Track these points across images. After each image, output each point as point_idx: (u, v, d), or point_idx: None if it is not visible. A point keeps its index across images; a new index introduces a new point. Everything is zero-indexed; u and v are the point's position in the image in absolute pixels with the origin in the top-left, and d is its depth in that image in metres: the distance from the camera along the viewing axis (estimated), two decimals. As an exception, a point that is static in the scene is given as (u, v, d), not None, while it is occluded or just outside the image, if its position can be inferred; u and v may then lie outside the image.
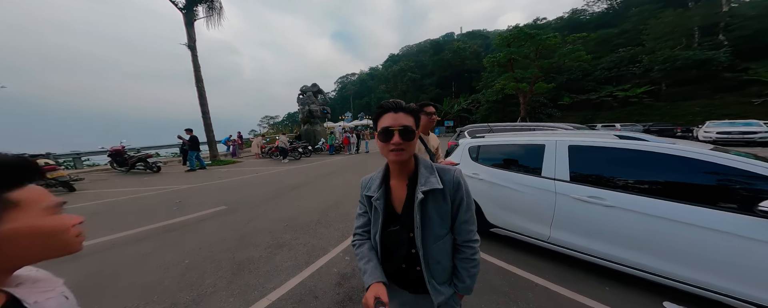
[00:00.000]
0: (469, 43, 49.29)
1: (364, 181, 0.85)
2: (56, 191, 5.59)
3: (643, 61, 23.29)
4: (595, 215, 1.74)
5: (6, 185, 0.36)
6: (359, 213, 0.86)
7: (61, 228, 0.40)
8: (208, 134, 10.45)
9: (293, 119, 57.37)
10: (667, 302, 1.59)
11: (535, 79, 21.95)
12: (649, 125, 16.21)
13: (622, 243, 1.66)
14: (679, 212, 1.46)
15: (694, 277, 1.43)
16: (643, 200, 1.58)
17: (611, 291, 1.72)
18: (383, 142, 0.70)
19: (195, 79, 10.18)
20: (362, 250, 0.80)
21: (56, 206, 0.41)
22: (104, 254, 2.49)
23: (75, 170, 9.22)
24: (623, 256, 1.65)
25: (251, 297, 1.74)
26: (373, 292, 0.66)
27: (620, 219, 1.64)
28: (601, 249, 1.75)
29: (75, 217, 0.43)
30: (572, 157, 1.93)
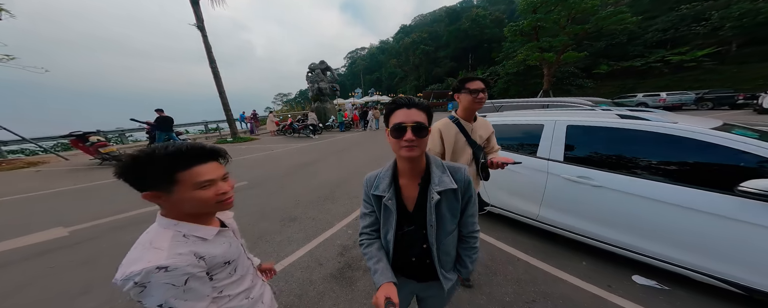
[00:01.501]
0: (490, 9, 43.40)
1: (368, 179, 0.81)
2: (110, 164, 6.50)
3: (711, 19, 19.02)
4: (582, 194, 1.78)
5: (176, 168, 0.58)
6: (365, 213, 0.83)
7: (203, 199, 0.61)
8: (227, 112, 10.98)
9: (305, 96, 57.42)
10: (636, 275, 1.70)
11: (564, 47, 19.12)
12: (703, 93, 13.99)
13: (605, 221, 1.73)
14: (661, 192, 1.48)
15: (666, 253, 1.50)
16: (629, 180, 1.59)
17: (588, 266, 1.84)
18: (395, 139, 0.68)
19: (208, 59, 10.31)
20: (371, 250, 0.79)
21: (203, 184, 0.61)
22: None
23: (122, 145, 10.46)
24: (604, 234, 1.73)
25: (267, 262, 2.11)
26: (383, 292, 0.66)
27: (605, 199, 1.68)
28: (584, 227, 1.83)
29: (222, 189, 0.64)
30: (569, 137, 1.90)
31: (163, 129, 8.29)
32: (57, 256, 2.27)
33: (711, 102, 13.44)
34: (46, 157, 7.82)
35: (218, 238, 0.68)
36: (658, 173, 1.53)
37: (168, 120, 8.25)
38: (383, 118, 0.75)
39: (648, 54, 21.32)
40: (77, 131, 6.59)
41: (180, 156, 0.59)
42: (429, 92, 34.47)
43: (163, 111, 8.29)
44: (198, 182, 0.60)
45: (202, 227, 0.65)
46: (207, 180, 0.61)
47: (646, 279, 1.66)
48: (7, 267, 2.13)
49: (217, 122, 14.25)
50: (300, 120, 12.50)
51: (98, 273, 2.00)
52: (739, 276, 1.30)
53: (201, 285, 0.62)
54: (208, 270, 0.64)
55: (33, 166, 6.74)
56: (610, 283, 1.67)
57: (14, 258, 2.26)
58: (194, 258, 0.60)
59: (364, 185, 0.82)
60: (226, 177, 0.66)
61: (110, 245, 2.46)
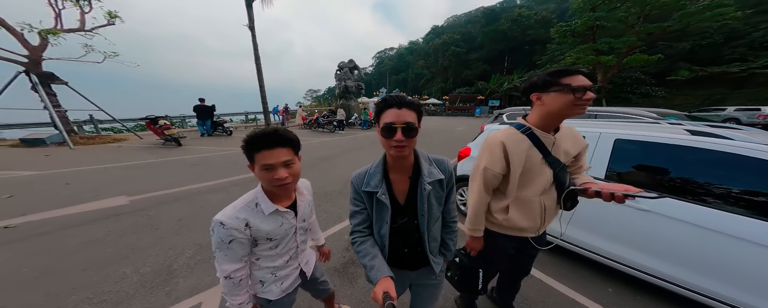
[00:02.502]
0: (536, 8, 39.74)
1: (357, 177, 0.82)
2: (170, 145, 7.64)
3: None
4: (625, 218, 1.51)
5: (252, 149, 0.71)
6: (356, 211, 0.84)
7: (265, 179, 0.74)
8: (264, 105, 12.07)
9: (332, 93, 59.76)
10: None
11: (630, 49, 16.22)
12: None
13: (643, 247, 1.47)
14: (730, 223, 1.20)
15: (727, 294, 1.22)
16: (689, 207, 1.31)
17: (614, 293, 1.62)
18: (386, 138, 0.70)
19: (254, 56, 11.48)
20: (365, 247, 0.80)
21: (265, 167, 0.71)
22: (195, 198, 3.46)
23: (182, 129, 12.23)
24: (639, 260, 1.48)
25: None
26: (381, 287, 0.67)
27: (654, 225, 1.41)
28: (618, 252, 1.57)
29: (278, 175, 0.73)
30: (616, 152, 1.62)
31: (200, 117, 9.40)
32: (116, 222, 2.70)
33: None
34: (127, 135, 9.56)
35: (273, 216, 0.81)
36: (731, 203, 1.27)
37: (205, 109, 9.31)
38: (374, 115, 0.76)
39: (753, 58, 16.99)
40: (151, 115, 7.90)
41: (254, 140, 0.70)
42: (455, 96, 32.94)
43: (204, 100, 9.39)
44: (262, 164, 0.71)
45: (267, 202, 0.79)
46: (267, 164, 0.70)
47: None
48: (71, 228, 2.50)
49: (254, 113, 15.74)
50: (325, 116, 13.07)
51: (143, 242, 2.34)
52: None
53: (240, 249, 0.76)
54: (253, 238, 0.77)
55: (117, 142, 8.30)
56: None
57: (82, 220, 2.69)
58: (243, 225, 0.75)
59: (353, 183, 0.84)
60: (289, 164, 0.73)
61: (160, 216, 2.87)
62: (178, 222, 2.72)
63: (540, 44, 31.18)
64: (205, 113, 9.54)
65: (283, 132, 0.73)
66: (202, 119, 9.66)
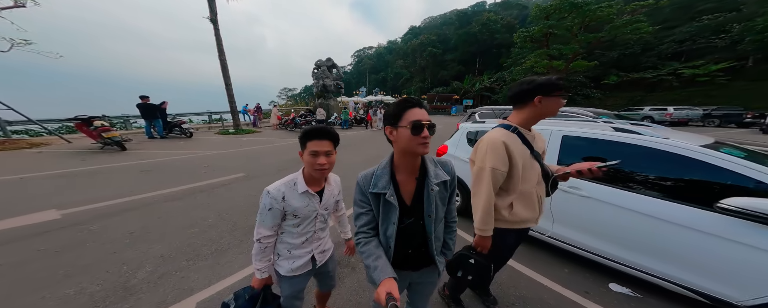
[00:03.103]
0: (502, 14, 43.29)
1: (364, 178, 0.83)
2: (111, 149, 6.58)
3: (731, 31, 18.67)
4: (570, 204, 1.79)
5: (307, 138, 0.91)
6: (361, 213, 0.84)
7: (309, 163, 0.92)
8: (231, 104, 11.06)
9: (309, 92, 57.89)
10: (613, 283, 1.73)
11: (574, 56, 18.97)
12: (711, 109, 13.86)
13: (589, 230, 1.75)
14: (644, 205, 1.50)
15: (643, 263, 1.54)
16: (615, 192, 1.62)
17: (569, 273, 1.87)
18: (414, 135, 0.71)
19: (218, 52, 10.41)
20: (369, 247, 0.81)
21: (312, 153, 0.90)
22: (150, 207, 3.07)
23: (125, 130, 10.56)
24: (587, 242, 1.76)
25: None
26: (384, 288, 0.68)
27: (590, 209, 1.70)
28: (570, 236, 1.85)
29: (320, 161, 0.91)
30: (564, 147, 1.90)
31: (146, 116, 8.17)
32: (47, 239, 2.30)
33: (718, 119, 13.27)
34: (49, 139, 7.92)
35: (303, 196, 0.96)
36: (643, 187, 1.57)
37: (149, 107, 8.13)
38: (389, 115, 0.76)
39: (661, 66, 21.03)
40: (82, 115, 6.66)
41: (311, 131, 0.90)
42: (433, 95, 34.33)
43: (147, 98, 8.18)
44: (311, 150, 0.89)
45: (302, 183, 0.96)
46: (314, 151, 0.89)
47: (621, 287, 1.70)
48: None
49: (220, 113, 14.34)
50: (303, 115, 12.55)
51: (86, 259, 2.03)
52: (706, 286, 1.36)
53: (273, 218, 0.94)
54: (284, 212, 0.95)
55: (35, 147, 6.84)
56: (588, 290, 1.70)
57: (2, 239, 2.28)
58: (281, 197, 0.93)
59: (359, 184, 0.84)
60: (329, 153, 0.91)
61: (105, 230, 2.50)
62: (130, 235, 2.40)
63: (505, 48, 33.91)
64: (149, 113, 8.35)
65: (331, 129, 0.93)
66: (148, 118, 8.46)
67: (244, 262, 2.03)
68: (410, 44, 50.57)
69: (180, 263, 2.01)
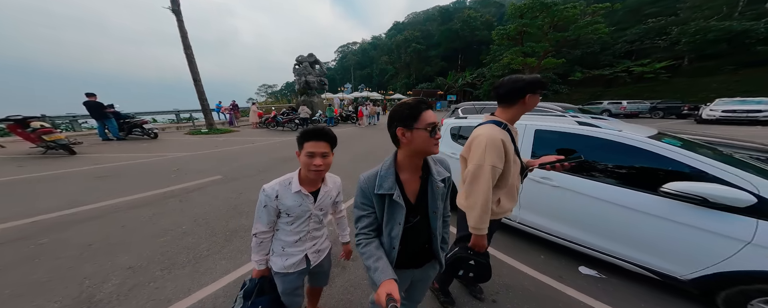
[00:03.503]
0: (481, 11, 44.25)
1: (367, 179, 0.81)
2: (57, 154, 5.77)
3: (671, 34, 21.27)
4: (543, 193, 1.93)
5: (304, 138, 0.91)
6: (362, 215, 0.83)
7: (304, 163, 0.92)
8: (202, 102, 10.19)
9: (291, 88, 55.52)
10: (582, 266, 1.90)
11: (545, 53, 20.39)
12: (657, 103, 15.83)
13: (560, 217, 1.91)
14: (603, 192, 1.66)
15: (605, 246, 1.70)
16: (580, 181, 1.77)
17: (544, 259, 2.02)
18: (431, 136, 0.73)
19: (183, 45, 9.46)
20: (370, 248, 0.81)
21: (308, 153, 0.90)
22: (111, 217, 2.77)
23: (73, 132, 9.30)
24: (558, 229, 1.92)
25: (240, 261, 2.02)
26: (385, 289, 0.68)
27: (561, 198, 1.85)
28: (543, 223, 2.00)
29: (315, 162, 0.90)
30: (537, 140, 2.04)
31: (95, 116, 7.40)
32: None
33: (662, 111, 15.17)
34: (-27, 143, 6.73)
35: (295, 196, 0.96)
36: (602, 175, 1.73)
37: (97, 106, 7.32)
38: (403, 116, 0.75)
39: (616, 64, 23.32)
40: (16, 115, 5.73)
41: (307, 132, 0.91)
42: (418, 91, 34.80)
43: (95, 96, 7.34)
44: (307, 151, 0.90)
45: (296, 183, 0.97)
46: (310, 152, 0.90)
47: (589, 269, 1.87)
48: None
49: (191, 112, 13.18)
50: (285, 113, 11.99)
51: (38, 275, 1.79)
52: (656, 264, 1.52)
53: (267, 214, 0.96)
54: (278, 209, 0.97)
55: (-43, 153, 5.78)
56: (562, 274, 1.85)
57: None
58: (274, 195, 0.94)
59: (362, 186, 0.82)
60: (325, 155, 0.92)
61: (58, 243, 2.21)
62: (89, 248, 2.16)
63: (485, 45, 35.09)
64: (98, 112, 7.44)
65: (328, 130, 0.93)
66: (99, 118, 7.55)
67: (228, 267, 1.93)
68: (394, 40, 50.26)
69: (153, 273, 1.85)
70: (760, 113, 10.17)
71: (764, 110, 10.17)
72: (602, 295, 1.63)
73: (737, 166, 1.39)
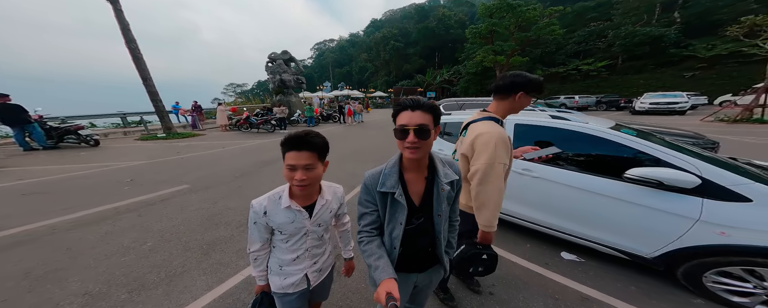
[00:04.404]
0: (455, 10, 46.14)
1: (371, 177, 0.81)
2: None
3: (608, 36, 24.81)
4: (525, 184, 2.06)
5: (284, 147, 0.79)
6: (365, 213, 0.83)
7: (286, 177, 0.80)
8: (156, 103, 8.92)
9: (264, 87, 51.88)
10: (563, 252, 2.06)
11: (513, 52, 22.16)
12: (601, 97, 18.27)
13: (541, 206, 2.05)
14: (575, 180, 1.82)
15: (580, 230, 1.84)
16: (556, 171, 1.92)
17: (531, 248, 2.16)
18: (399, 140, 0.72)
19: (125, 39, 8.16)
20: (371, 247, 0.80)
21: (288, 166, 0.78)
22: (49, 238, 2.30)
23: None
24: (540, 217, 2.06)
25: (224, 274, 1.83)
26: (384, 288, 0.67)
27: (541, 188, 1.99)
28: (527, 213, 2.13)
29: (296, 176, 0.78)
30: (516, 133, 2.15)
31: (9, 122, 6.06)
32: None
33: (605, 104, 17.70)
34: None
35: (285, 211, 0.86)
36: (575, 165, 1.88)
37: (11, 109, 6.04)
38: (392, 117, 0.77)
39: (568, 63, 26.42)
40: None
41: (287, 141, 0.78)
42: (399, 88, 35.05)
43: (8, 97, 6.08)
44: (287, 163, 0.78)
45: (285, 197, 0.85)
46: (290, 164, 0.77)
47: (570, 255, 1.98)
48: None
49: (141, 114, 11.50)
50: (259, 114, 11.13)
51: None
52: (624, 245, 1.65)
53: (258, 231, 0.88)
54: (270, 226, 0.87)
55: None
56: (547, 261, 1.96)
57: None
58: (262, 212, 0.85)
59: (366, 183, 0.81)
60: (310, 167, 0.78)
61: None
62: (26, 276, 1.77)
63: (459, 43, 36.49)
64: (13, 117, 6.13)
65: (313, 136, 0.79)
66: (15, 125, 6.21)
67: (210, 283, 1.74)
68: (373, 38, 49.77)
69: (118, 297, 1.60)
70: (677, 105, 12.39)
71: (679, 102, 12.43)
72: (583, 278, 1.74)
73: (682, 151, 1.55)
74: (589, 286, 1.67)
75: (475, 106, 5.55)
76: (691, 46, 20.35)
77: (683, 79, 19.73)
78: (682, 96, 12.59)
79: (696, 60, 19.60)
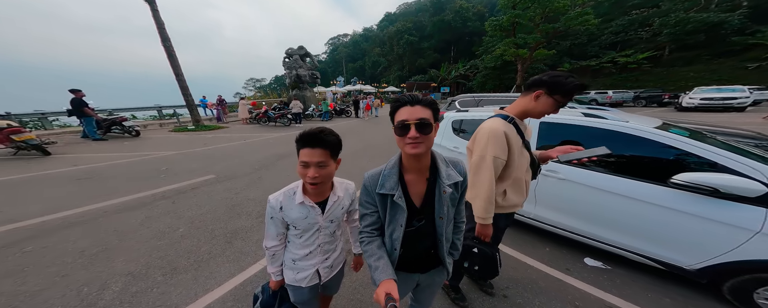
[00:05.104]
0: (473, 2, 43.65)
1: (370, 178, 0.79)
2: (29, 155, 5.36)
3: (653, 25, 21.96)
4: (550, 187, 1.94)
5: (299, 144, 0.79)
6: (366, 214, 0.82)
7: (300, 174, 0.82)
8: (186, 97, 9.65)
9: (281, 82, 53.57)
10: (587, 258, 1.94)
11: (537, 45, 20.54)
12: (640, 92, 16.44)
13: (565, 210, 1.92)
14: (611, 183, 1.67)
15: (610, 237, 1.73)
16: (587, 173, 1.77)
17: (550, 252, 2.06)
18: (400, 136, 0.70)
19: (160, 37, 8.82)
20: (371, 247, 0.80)
21: (302, 163, 0.79)
22: (99, 221, 2.61)
23: (44, 131, 8.63)
24: (565, 222, 1.93)
25: (245, 263, 1.96)
26: (384, 288, 0.67)
27: (567, 190, 1.86)
28: (549, 216, 2.01)
29: (309, 173, 0.79)
30: (542, 133, 2.02)
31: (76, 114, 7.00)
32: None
33: (644, 100, 15.78)
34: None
35: (300, 207, 0.88)
36: (610, 167, 1.74)
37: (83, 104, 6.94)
38: (389, 115, 0.74)
39: (602, 55, 23.93)
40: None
41: (301, 137, 0.78)
42: (412, 83, 34.45)
43: (81, 92, 6.91)
44: (301, 160, 0.79)
45: (299, 193, 0.88)
46: (304, 161, 0.78)
47: (594, 261, 1.90)
48: None
49: (174, 108, 12.48)
50: (276, 108, 11.58)
51: (29, 286, 1.67)
52: (661, 254, 1.54)
53: (274, 226, 0.91)
54: (288, 224, 0.91)
55: None
56: (568, 266, 1.88)
57: None
58: (278, 207, 0.87)
59: (366, 185, 0.80)
60: (322, 165, 0.79)
61: (46, 250, 2.06)
62: (82, 254, 2.03)
63: (477, 36, 34.89)
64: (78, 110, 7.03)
65: (327, 134, 0.79)
66: (80, 116, 7.16)
67: (232, 271, 1.87)
68: (387, 32, 49.01)
69: (155, 279, 1.77)
70: (735, 100, 10.73)
71: (738, 98, 10.73)
72: (609, 286, 1.65)
73: (745, 155, 1.39)
74: (615, 295, 1.57)
75: (493, 102, 5.26)
76: (759, 32, 17.39)
77: (745, 70, 17.01)
78: (743, 90, 10.86)
79: (763, 49, 16.78)
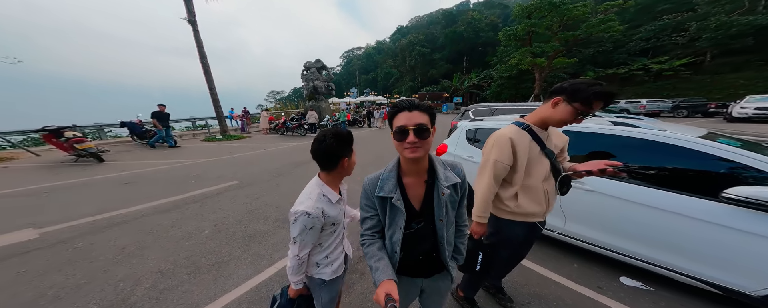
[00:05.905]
0: (486, 13, 44.46)
1: (369, 182, 0.82)
2: (86, 161, 6.13)
3: (690, 30, 20.28)
4: (576, 199, 1.79)
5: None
6: (366, 217, 0.84)
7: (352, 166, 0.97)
8: (217, 109, 10.64)
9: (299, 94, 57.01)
10: (623, 277, 1.76)
11: (555, 53, 19.89)
12: (679, 101, 14.93)
13: (595, 224, 1.77)
14: (650, 197, 1.53)
15: (652, 255, 1.56)
16: (620, 185, 1.63)
17: (578, 268, 1.89)
18: (399, 141, 0.71)
19: (199, 55, 9.99)
20: (372, 249, 0.81)
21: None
22: (139, 221, 2.88)
23: (100, 141, 9.88)
24: (595, 236, 1.78)
25: (261, 266, 2.04)
26: (384, 289, 0.68)
27: (598, 203, 1.72)
28: (576, 230, 1.87)
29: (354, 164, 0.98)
30: (570, 142, 1.92)
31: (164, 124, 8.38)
32: (27, 260, 2.12)
33: (685, 110, 14.27)
34: (14, 152, 7.27)
35: (336, 205, 0.95)
36: (647, 179, 1.59)
37: (164, 116, 8.26)
38: (387, 121, 0.79)
39: (631, 62, 22.42)
40: (51, 125, 6.15)
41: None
42: (424, 94, 34.79)
43: (164, 107, 8.32)
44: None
45: (332, 192, 0.94)
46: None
47: (632, 280, 1.72)
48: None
49: (205, 119, 13.77)
50: (294, 119, 12.30)
51: (76, 279, 1.88)
52: (718, 277, 1.37)
53: (314, 234, 0.91)
54: (323, 225, 0.91)
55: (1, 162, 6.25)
56: (600, 284, 1.72)
57: None
58: (321, 213, 0.88)
59: (365, 188, 0.82)
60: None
61: (92, 247, 2.32)
62: (122, 251, 2.25)
63: (490, 46, 34.83)
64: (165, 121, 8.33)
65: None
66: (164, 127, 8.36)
67: (249, 273, 1.95)
68: (399, 44, 50.74)
69: (180, 277, 1.90)
70: None
71: (799, 106, 9.41)
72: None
73: None
74: (658, 321, 1.38)
75: (509, 112, 5.13)
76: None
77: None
78: None
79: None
